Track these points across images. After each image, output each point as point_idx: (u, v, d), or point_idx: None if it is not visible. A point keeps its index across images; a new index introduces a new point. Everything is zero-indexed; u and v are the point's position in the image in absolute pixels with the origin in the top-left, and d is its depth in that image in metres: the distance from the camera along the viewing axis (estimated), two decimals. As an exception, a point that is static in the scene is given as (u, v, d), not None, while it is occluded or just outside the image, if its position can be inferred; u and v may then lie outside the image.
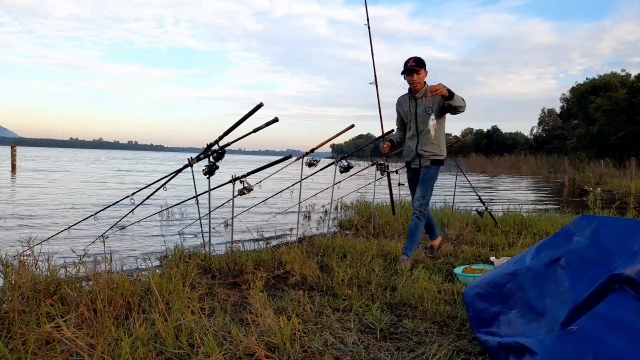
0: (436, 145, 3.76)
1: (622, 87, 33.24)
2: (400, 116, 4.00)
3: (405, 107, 3.86)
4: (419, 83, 3.71)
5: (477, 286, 2.37)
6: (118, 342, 1.88)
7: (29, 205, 8.12)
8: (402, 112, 3.93)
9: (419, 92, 3.75)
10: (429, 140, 3.73)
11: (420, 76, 3.70)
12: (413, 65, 3.66)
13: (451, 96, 3.45)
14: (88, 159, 43.01)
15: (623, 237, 1.86)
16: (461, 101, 3.53)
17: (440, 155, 3.80)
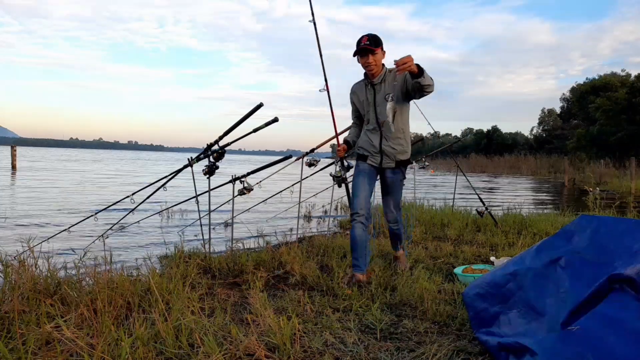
0: (402, 140, 3.20)
1: (622, 87, 33.26)
2: (355, 108, 3.36)
3: (362, 96, 3.24)
4: (375, 66, 3.09)
5: (477, 286, 2.36)
6: (118, 342, 1.88)
7: (29, 205, 8.12)
8: (357, 102, 3.31)
9: (377, 77, 3.14)
10: (393, 133, 3.15)
11: (376, 57, 3.08)
12: (367, 45, 3.03)
13: (421, 73, 2.78)
14: (86, 159, 43.02)
15: (623, 237, 1.85)
16: (430, 79, 2.88)
17: (406, 153, 3.27)
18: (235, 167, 24.52)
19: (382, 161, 3.22)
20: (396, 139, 3.18)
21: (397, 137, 3.18)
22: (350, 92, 3.35)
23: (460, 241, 4.81)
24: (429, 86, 2.89)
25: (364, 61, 3.10)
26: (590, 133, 33.33)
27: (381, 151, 3.20)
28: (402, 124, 3.20)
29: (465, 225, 5.50)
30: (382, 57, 3.15)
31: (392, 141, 3.18)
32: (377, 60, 3.10)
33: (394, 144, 3.18)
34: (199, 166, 3.80)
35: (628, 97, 30.89)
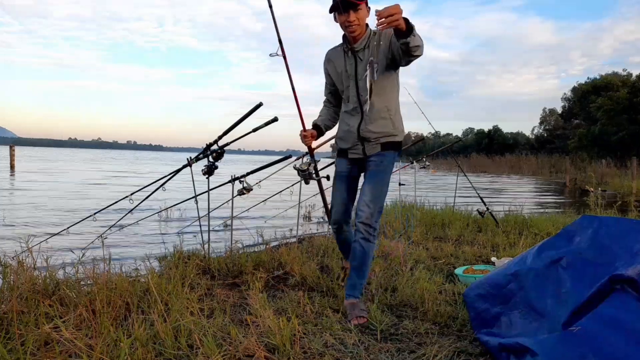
0: (388, 120, 2.50)
1: (624, 86, 33.24)
2: (331, 81, 2.67)
3: (340, 66, 2.56)
4: (358, 26, 2.40)
5: (478, 287, 2.35)
6: (117, 342, 1.87)
7: (28, 205, 8.12)
8: (334, 74, 2.61)
9: (360, 41, 2.47)
10: (375, 113, 2.47)
11: (360, 14, 2.38)
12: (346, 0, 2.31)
13: (410, 31, 2.09)
14: (85, 159, 43.08)
15: (624, 237, 1.85)
16: (420, 39, 2.19)
17: (395, 135, 2.54)
18: (235, 167, 24.54)
19: (365, 149, 2.55)
20: (381, 120, 2.49)
21: (381, 118, 2.49)
22: (325, 60, 2.66)
23: (461, 241, 4.80)
24: (417, 48, 2.18)
25: (344, 19, 2.38)
26: (591, 133, 33.31)
27: (361, 138, 2.53)
28: (387, 100, 2.49)
29: (466, 226, 5.49)
30: (367, 15, 2.44)
31: (375, 124, 2.49)
32: (361, 18, 2.40)
33: (377, 126, 2.49)
34: (198, 166, 3.79)
35: (629, 97, 30.87)
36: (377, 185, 2.49)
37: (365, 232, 2.44)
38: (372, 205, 2.44)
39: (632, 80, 33.61)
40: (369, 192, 2.47)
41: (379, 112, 2.49)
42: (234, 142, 3.65)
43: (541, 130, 51.26)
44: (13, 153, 19.98)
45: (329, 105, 2.83)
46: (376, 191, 2.47)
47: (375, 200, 2.45)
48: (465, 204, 7.24)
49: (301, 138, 2.72)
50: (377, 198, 2.45)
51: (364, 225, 2.43)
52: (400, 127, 2.58)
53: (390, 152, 2.55)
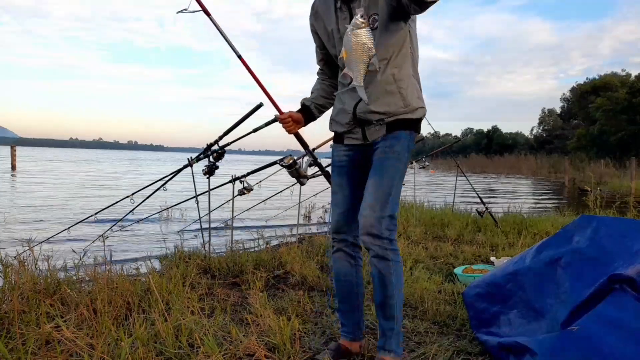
0: (396, 95, 1.80)
1: (623, 87, 33.29)
2: (320, 43, 2.00)
3: (330, 24, 1.88)
4: None
5: (477, 286, 2.36)
6: (118, 342, 1.88)
7: (29, 205, 8.12)
8: (323, 34, 1.95)
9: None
10: (380, 87, 1.79)
11: None
12: None
13: None
14: (86, 159, 43.05)
15: (623, 237, 1.86)
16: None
17: (408, 112, 1.82)
18: (235, 167, 24.53)
19: (366, 133, 1.87)
20: (384, 95, 1.80)
21: (387, 92, 1.80)
22: (310, 14, 1.97)
23: (460, 241, 4.81)
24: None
25: None
26: (590, 133, 33.35)
27: (358, 120, 1.85)
28: (396, 66, 1.80)
29: (466, 225, 5.50)
30: None
31: (377, 101, 1.79)
32: None
33: (381, 104, 1.80)
34: (198, 166, 3.80)
35: (628, 97, 30.91)
36: (384, 178, 1.78)
37: (375, 247, 1.74)
38: (379, 207, 1.73)
39: (631, 81, 33.65)
40: (373, 189, 1.77)
41: (383, 84, 1.78)
42: (235, 142, 3.66)
43: (540, 131, 51.32)
44: (14, 153, 19.97)
45: (323, 77, 2.10)
46: (383, 187, 1.76)
47: (383, 201, 1.74)
48: (464, 204, 7.25)
49: (280, 123, 2.04)
50: (384, 197, 1.75)
51: (370, 238, 1.74)
52: (415, 101, 1.83)
53: (402, 132, 1.82)
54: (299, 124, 2.08)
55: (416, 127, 1.88)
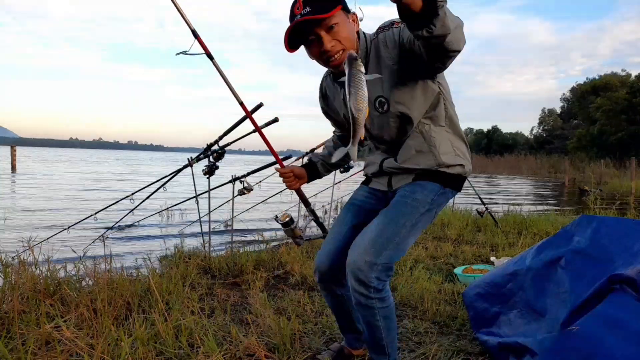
0: (428, 153, 1.63)
1: (623, 87, 33.32)
2: (333, 120, 1.91)
3: (336, 102, 1.77)
4: (342, 50, 1.50)
5: (477, 286, 2.36)
6: (118, 342, 1.88)
7: (29, 205, 8.12)
8: (332, 111, 1.84)
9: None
10: (407, 147, 1.65)
11: (338, 32, 1.48)
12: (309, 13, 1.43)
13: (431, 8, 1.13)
14: (86, 159, 43.06)
15: (623, 237, 1.85)
16: (454, 19, 1.23)
17: (442, 167, 1.63)
18: (235, 167, 24.55)
19: (392, 181, 1.72)
20: (412, 154, 1.65)
21: (417, 151, 1.64)
22: (319, 96, 1.86)
23: (460, 241, 4.81)
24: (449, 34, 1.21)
25: (317, 52, 1.52)
26: (590, 133, 33.37)
27: (383, 171, 1.74)
28: (425, 127, 1.62)
29: (466, 225, 5.50)
30: (351, 24, 1.53)
31: (406, 161, 1.65)
32: (343, 37, 1.49)
33: (410, 162, 1.65)
34: (198, 166, 3.80)
35: (628, 97, 30.95)
36: (391, 223, 1.53)
37: (358, 296, 1.50)
38: (373, 251, 1.47)
39: (631, 81, 33.68)
40: (374, 231, 1.53)
41: (412, 146, 1.63)
42: (235, 142, 3.66)
43: (540, 131, 51.36)
44: (14, 153, 19.97)
45: (338, 134, 2.00)
46: (387, 232, 1.51)
47: (381, 246, 1.48)
48: (464, 204, 7.25)
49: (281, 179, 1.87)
50: (384, 242, 1.49)
51: (356, 283, 1.48)
52: (451, 159, 1.64)
53: (430, 182, 1.62)
54: (302, 179, 1.93)
55: (452, 182, 1.65)
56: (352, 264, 1.49)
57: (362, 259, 1.46)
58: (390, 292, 1.55)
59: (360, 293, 1.48)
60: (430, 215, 1.61)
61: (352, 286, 1.50)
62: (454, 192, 1.68)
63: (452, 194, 1.69)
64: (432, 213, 1.61)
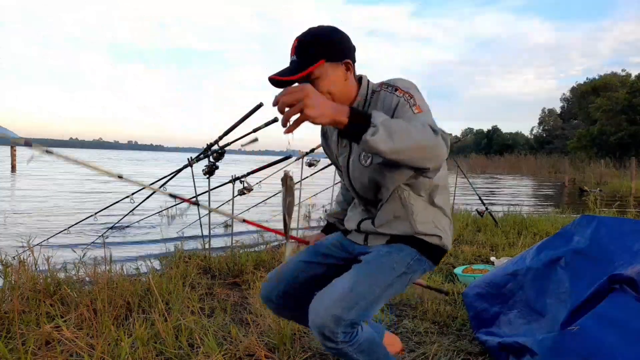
0: (406, 220, 1.56)
1: (623, 87, 33.33)
2: (332, 158, 1.78)
3: (333, 147, 1.69)
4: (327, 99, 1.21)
5: (477, 286, 2.36)
6: (118, 342, 1.88)
7: (29, 205, 8.12)
8: (328, 150, 1.77)
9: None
10: (387, 212, 1.58)
11: (325, 84, 1.41)
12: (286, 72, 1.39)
13: (360, 126, 1.17)
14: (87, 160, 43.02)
15: (623, 237, 1.85)
16: (411, 138, 1.17)
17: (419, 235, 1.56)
18: (235, 167, 24.56)
19: (368, 239, 1.66)
20: (392, 220, 1.58)
21: (395, 217, 1.58)
22: (321, 133, 1.78)
23: (460, 241, 4.81)
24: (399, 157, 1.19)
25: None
26: (590, 133, 33.37)
27: (361, 230, 1.68)
28: (405, 194, 1.55)
29: (466, 226, 5.50)
30: (341, 75, 1.45)
31: (383, 225, 1.59)
32: (324, 87, 1.41)
33: (387, 227, 1.59)
34: (199, 166, 3.80)
35: (628, 97, 30.95)
36: (368, 277, 1.45)
37: (323, 343, 1.38)
38: (341, 306, 1.34)
39: (631, 81, 33.69)
40: (349, 281, 1.42)
41: (390, 211, 1.58)
42: (235, 142, 3.66)
43: (540, 131, 51.38)
44: (14, 153, 19.95)
45: (345, 190, 1.91)
46: (358, 288, 1.40)
47: (351, 302, 1.36)
48: (464, 204, 7.25)
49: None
50: (355, 299, 1.37)
51: (321, 337, 1.36)
52: (430, 229, 1.57)
53: (408, 246, 1.55)
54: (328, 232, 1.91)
55: (428, 251, 1.57)
56: (316, 318, 1.35)
57: (328, 313, 1.33)
58: (359, 331, 1.41)
59: (326, 346, 1.38)
60: (405, 280, 1.54)
61: (317, 338, 1.38)
62: (431, 264, 1.60)
63: (429, 266, 1.60)
64: (407, 278, 1.54)
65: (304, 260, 1.72)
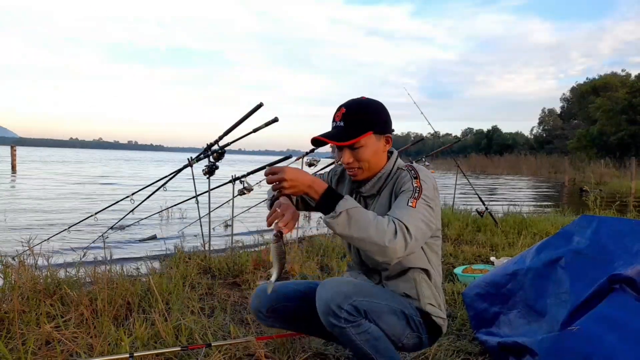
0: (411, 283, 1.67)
1: (623, 87, 33.32)
2: None
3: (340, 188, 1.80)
4: (360, 169, 1.59)
5: (477, 286, 2.36)
6: (118, 342, 1.88)
7: (29, 205, 8.12)
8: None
9: (370, 184, 1.64)
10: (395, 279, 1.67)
11: (362, 155, 1.55)
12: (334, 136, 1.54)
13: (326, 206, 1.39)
14: (86, 160, 43.03)
15: (623, 237, 1.85)
16: (360, 226, 1.35)
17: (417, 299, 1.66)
18: (235, 167, 24.54)
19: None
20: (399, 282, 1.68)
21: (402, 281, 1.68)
22: (332, 172, 1.85)
23: (460, 241, 4.81)
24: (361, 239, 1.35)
25: (339, 158, 1.61)
26: (590, 133, 33.37)
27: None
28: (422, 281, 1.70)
29: (466, 225, 5.50)
30: (382, 146, 1.59)
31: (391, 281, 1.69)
32: (365, 159, 1.56)
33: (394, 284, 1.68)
34: (199, 166, 3.80)
35: (628, 97, 30.94)
36: (374, 286, 1.62)
37: (327, 321, 1.45)
38: (354, 289, 1.47)
39: (631, 81, 33.70)
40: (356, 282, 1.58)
41: (401, 289, 1.66)
42: (235, 142, 3.66)
43: (540, 131, 51.39)
44: (14, 153, 19.96)
45: None
46: (366, 290, 1.52)
47: (363, 292, 1.49)
48: (464, 204, 7.25)
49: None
50: (365, 294, 1.49)
51: (324, 307, 1.44)
52: (438, 311, 1.68)
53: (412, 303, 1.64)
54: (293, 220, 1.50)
55: (427, 319, 1.63)
56: (325, 293, 1.44)
57: (339, 289, 1.44)
58: (365, 323, 1.46)
59: (330, 322, 1.44)
60: (405, 326, 1.56)
61: (321, 317, 1.45)
62: (427, 339, 1.64)
63: (425, 339, 1.63)
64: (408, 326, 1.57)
65: (301, 290, 1.75)
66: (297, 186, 1.40)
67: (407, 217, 1.39)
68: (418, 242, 1.41)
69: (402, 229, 1.35)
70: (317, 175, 1.82)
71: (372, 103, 1.58)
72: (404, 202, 1.45)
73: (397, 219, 1.38)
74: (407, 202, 1.44)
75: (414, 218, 1.41)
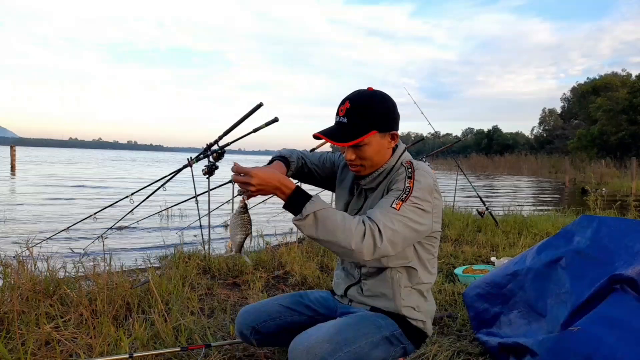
0: (390, 300, 1.57)
1: (623, 87, 33.32)
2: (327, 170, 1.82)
3: (347, 186, 1.73)
4: (362, 167, 1.55)
5: (478, 287, 2.36)
6: (117, 342, 1.88)
7: (29, 205, 8.12)
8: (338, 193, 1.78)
9: (370, 177, 1.58)
10: (376, 286, 1.59)
11: (364, 152, 1.50)
12: (335, 135, 1.48)
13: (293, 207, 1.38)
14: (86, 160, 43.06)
15: (624, 237, 1.85)
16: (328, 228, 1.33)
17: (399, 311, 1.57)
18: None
19: (352, 302, 1.67)
20: (378, 296, 1.60)
21: (382, 294, 1.59)
22: (343, 164, 1.78)
23: (460, 241, 4.81)
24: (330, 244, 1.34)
25: (343, 153, 1.63)
26: (591, 133, 33.35)
27: (347, 296, 1.69)
28: (395, 272, 1.56)
29: (466, 226, 5.50)
30: (386, 144, 1.53)
31: (370, 297, 1.62)
32: (367, 157, 1.52)
33: (372, 300, 1.61)
34: (198, 166, 3.79)
35: (629, 97, 30.92)
36: (355, 326, 1.46)
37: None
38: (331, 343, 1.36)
39: (631, 81, 33.67)
40: (335, 326, 1.45)
41: (378, 287, 1.59)
42: (235, 142, 3.66)
43: (540, 131, 51.39)
44: (14, 153, 19.97)
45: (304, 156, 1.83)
46: (349, 331, 1.43)
47: (342, 341, 1.38)
48: (465, 204, 7.25)
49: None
50: (345, 340, 1.39)
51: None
52: (408, 312, 1.57)
53: (391, 319, 1.55)
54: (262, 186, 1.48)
55: (410, 332, 1.57)
56: (299, 356, 1.35)
57: (312, 352, 1.33)
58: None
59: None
60: (389, 350, 1.50)
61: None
62: (411, 345, 1.58)
63: (410, 347, 1.58)
64: (391, 349, 1.51)
65: (285, 305, 1.72)
66: (265, 188, 1.38)
67: (385, 219, 1.34)
68: (394, 246, 1.35)
69: (374, 232, 1.31)
70: (327, 155, 1.83)
71: (379, 98, 1.49)
72: (387, 203, 1.39)
73: (372, 221, 1.33)
74: (392, 204, 1.39)
75: (392, 221, 1.35)
